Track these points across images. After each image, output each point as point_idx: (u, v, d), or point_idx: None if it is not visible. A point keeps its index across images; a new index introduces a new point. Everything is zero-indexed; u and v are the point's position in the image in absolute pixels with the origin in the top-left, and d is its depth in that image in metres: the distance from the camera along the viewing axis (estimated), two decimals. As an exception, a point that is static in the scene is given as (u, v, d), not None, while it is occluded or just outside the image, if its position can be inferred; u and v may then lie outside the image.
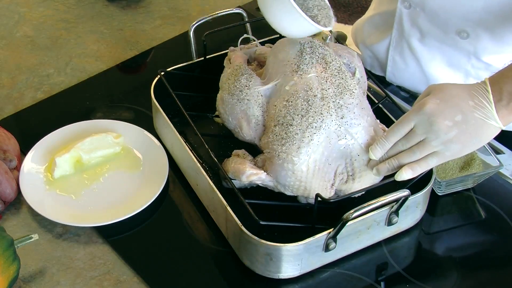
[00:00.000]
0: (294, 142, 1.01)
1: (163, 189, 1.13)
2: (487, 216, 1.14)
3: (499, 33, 1.20)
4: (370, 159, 1.01)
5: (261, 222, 0.98)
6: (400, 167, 0.98)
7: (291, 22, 1.04)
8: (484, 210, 1.14)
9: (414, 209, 1.07)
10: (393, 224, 1.05)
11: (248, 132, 1.09)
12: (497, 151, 1.22)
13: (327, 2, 1.08)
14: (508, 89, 0.94)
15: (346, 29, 1.55)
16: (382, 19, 1.37)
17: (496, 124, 0.95)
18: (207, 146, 1.07)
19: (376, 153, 0.99)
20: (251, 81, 1.09)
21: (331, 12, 1.06)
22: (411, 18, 1.28)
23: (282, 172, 1.01)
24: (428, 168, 0.98)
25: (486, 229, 1.12)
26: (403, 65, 1.34)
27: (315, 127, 1.01)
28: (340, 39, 1.30)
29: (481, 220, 1.14)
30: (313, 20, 1.04)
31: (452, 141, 0.95)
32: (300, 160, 1.00)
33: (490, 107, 0.95)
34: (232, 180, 1.04)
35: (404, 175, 0.97)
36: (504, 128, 0.96)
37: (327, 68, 1.06)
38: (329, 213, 1.02)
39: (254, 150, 1.09)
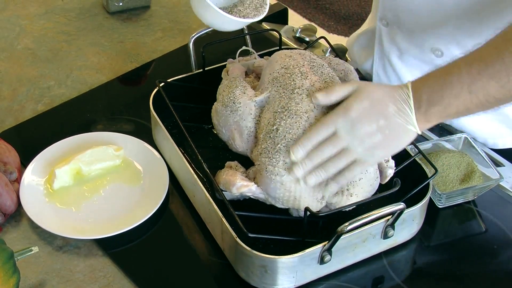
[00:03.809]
0: (281, 153, 1.00)
1: (163, 201, 1.13)
2: (488, 229, 1.14)
3: (472, 50, 1.20)
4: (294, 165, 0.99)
5: (250, 235, 0.97)
6: (327, 176, 0.98)
7: (212, 17, 1.22)
8: (485, 222, 1.14)
9: (411, 222, 1.07)
10: (389, 237, 1.04)
11: (240, 144, 1.08)
12: (497, 164, 1.22)
13: None
14: (426, 98, 0.96)
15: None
16: (367, 38, 1.40)
17: (414, 129, 0.97)
18: (200, 157, 1.06)
19: (297, 154, 0.98)
20: (244, 92, 1.08)
21: (266, 7, 1.09)
22: (390, 36, 1.31)
23: (271, 184, 1.01)
24: (352, 177, 0.99)
25: (487, 242, 1.12)
26: (386, 80, 1.36)
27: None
28: (339, 52, 1.30)
29: (481, 232, 1.13)
30: (239, 15, 1.17)
31: (376, 147, 0.97)
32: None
33: (410, 113, 0.96)
34: (225, 192, 1.04)
35: (330, 190, 0.99)
36: (419, 133, 0.98)
37: (320, 80, 1.05)
38: (323, 225, 1.02)
39: (249, 161, 1.08)
